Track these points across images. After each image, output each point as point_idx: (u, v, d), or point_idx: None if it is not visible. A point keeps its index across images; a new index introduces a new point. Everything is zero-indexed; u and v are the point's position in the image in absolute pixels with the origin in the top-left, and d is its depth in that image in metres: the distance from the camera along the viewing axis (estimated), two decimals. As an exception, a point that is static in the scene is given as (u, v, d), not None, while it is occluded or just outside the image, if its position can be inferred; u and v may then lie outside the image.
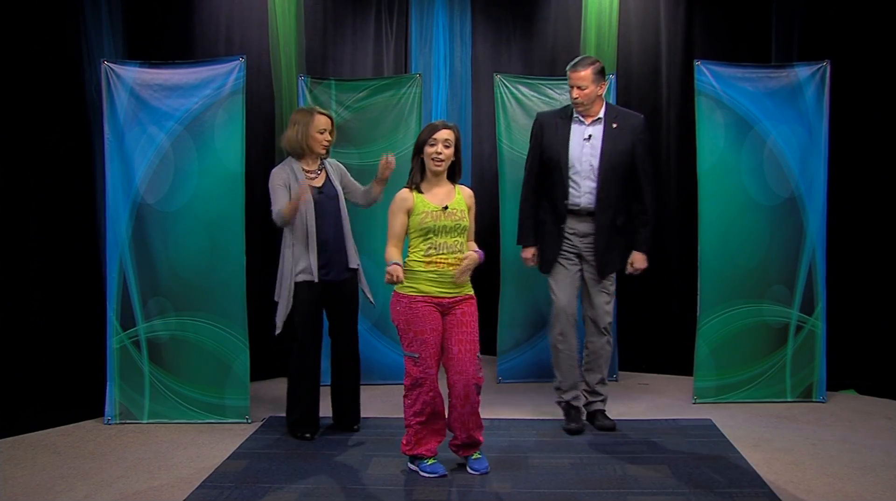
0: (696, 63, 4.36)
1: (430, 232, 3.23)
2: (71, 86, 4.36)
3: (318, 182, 3.84)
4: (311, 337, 3.81)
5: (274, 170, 3.83)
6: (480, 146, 5.48)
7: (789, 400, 4.39)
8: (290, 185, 3.74)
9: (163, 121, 4.03)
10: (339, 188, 3.88)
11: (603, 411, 4.02)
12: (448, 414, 3.33)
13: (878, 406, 4.35)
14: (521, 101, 4.85)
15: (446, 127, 3.28)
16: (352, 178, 4.00)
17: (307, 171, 3.82)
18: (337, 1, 5.36)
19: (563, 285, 3.93)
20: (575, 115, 3.91)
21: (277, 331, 3.82)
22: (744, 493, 3.10)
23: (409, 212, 3.27)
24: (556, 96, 4.84)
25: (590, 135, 3.86)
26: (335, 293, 3.84)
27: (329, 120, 3.86)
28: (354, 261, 3.87)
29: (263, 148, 5.01)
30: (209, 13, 4.92)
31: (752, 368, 4.38)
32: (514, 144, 4.80)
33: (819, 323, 4.36)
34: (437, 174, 3.29)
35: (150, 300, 4.06)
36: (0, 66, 4.08)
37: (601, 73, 3.85)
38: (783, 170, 4.33)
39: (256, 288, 4.26)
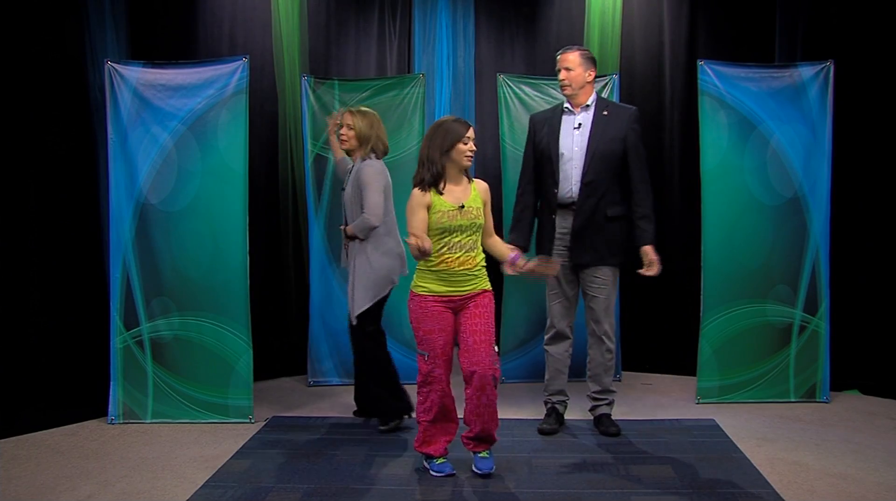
0: (700, 63, 4.35)
1: (447, 231, 3.19)
2: (74, 86, 4.37)
3: None
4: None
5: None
6: (483, 146, 5.47)
7: (793, 400, 4.38)
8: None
9: (166, 121, 4.03)
10: None
11: (608, 415, 3.92)
12: (465, 407, 3.28)
13: (882, 406, 4.35)
14: (524, 101, 4.84)
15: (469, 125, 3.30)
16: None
17: None
18: (340, 1, 5.36)
19: (558, 289, 3.91)
20: (565, 107, 3.89)
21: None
22: (747, 493, 3.09)
23: (428, 209, 3.20)
24: (560, 96, 4.80)
25: (580, 124, 3.83)
26: None
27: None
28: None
29: (267, 148, 5.02)
30: (212, 13, 4.93)
31: (756, 368, 4.38)
32: (518, 144, 4.78)
33: (822, 323, 4.35)
34: (463, 169, 3.27)
35: (153, 300, 4.06)
36: (2, 66, 4.09)
37: (591, 60, 3.85)
38: (786, 170, 4.32)
39: (259, 288, 4.25)
